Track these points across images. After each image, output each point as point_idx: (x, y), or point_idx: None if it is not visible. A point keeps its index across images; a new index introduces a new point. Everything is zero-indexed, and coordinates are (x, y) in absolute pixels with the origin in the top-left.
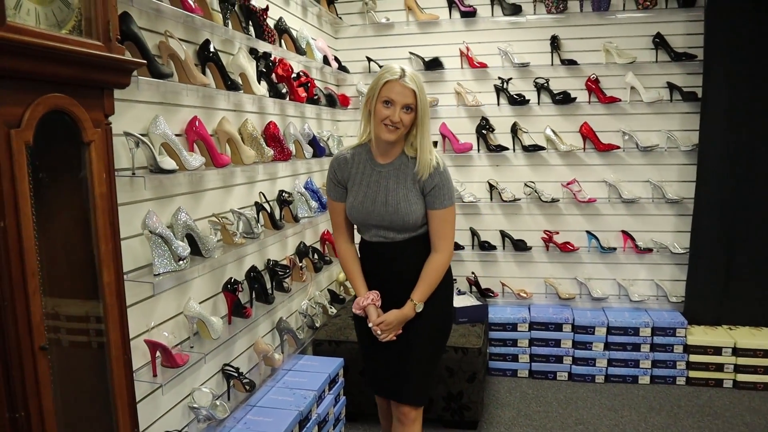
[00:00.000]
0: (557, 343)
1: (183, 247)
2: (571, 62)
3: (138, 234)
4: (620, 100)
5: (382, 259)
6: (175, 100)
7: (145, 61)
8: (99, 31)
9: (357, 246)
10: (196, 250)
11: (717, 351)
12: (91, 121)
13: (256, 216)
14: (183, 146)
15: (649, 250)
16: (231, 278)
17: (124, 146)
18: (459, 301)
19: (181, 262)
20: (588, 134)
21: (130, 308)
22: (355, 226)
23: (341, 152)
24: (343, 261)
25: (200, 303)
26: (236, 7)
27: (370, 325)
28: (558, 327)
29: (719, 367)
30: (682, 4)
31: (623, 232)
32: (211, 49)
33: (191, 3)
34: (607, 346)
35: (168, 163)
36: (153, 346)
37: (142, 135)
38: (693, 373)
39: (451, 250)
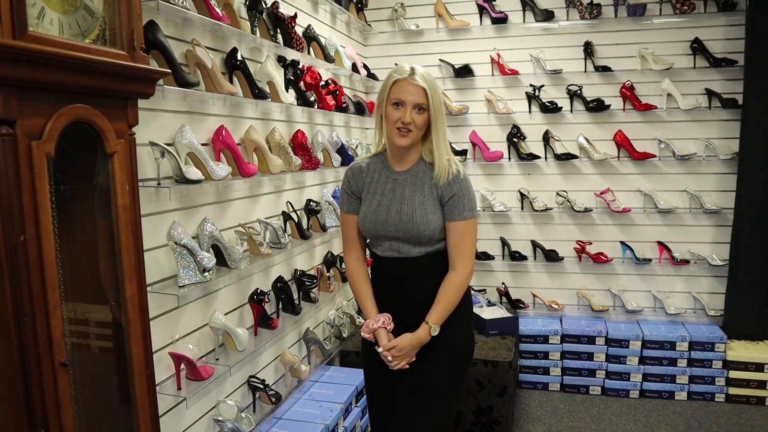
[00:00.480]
0: (590, 356)
1: (208, 258)
2: (605, 69)
3: (163, 245)
4: (656, 108)
5: (394, 277)
6: (202, 109)
7: (170, 71)
8: (123, 40)
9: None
10: (221, 260)
11: (759, 367)
12: (114, 132)
13: (283, 226)
14: (209, 156)
15: (686, 261)
16: (257, 289)
17: (149, 156)
18: (489, 313)
19: (206, 273)
20: (623, 142)
21: (154, 320)
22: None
23: (356, 161)
24: (352, 279)
25: (226, 314)
26: (264, 15)
27: (379, 350)
28: (591, 340)
29: (761, 384)
30: (721, 8)
31: (659, 243)
32: (239, 57)
33: (218, 11)
34: (642, 360)
35: (194, 173)
36: (177, 358)
37: (167, 145)
38: (733, 390)
39: (470, 269)
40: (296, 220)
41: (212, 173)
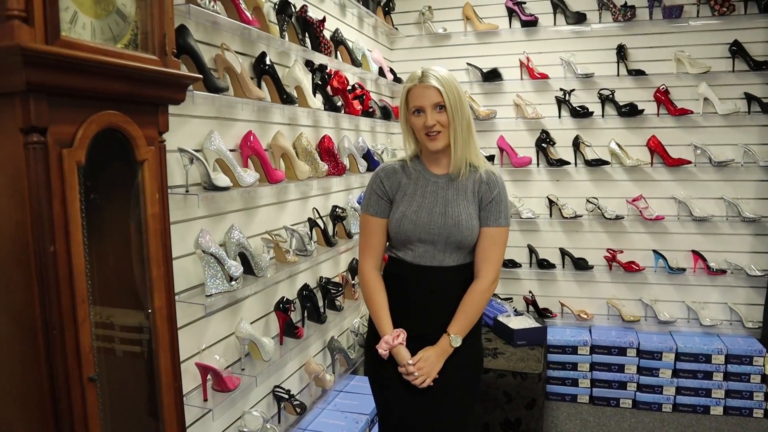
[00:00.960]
0: (620, 368)
1: (236, 267)
2: (639, 72)
3: (191, 253)
4: (692, 113)
5: (423, 287)
6: (230, 114)
7: (200, 76)
8: (155, 45)
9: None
10: (248, 268)
11: None
12: (144, 139)
13: (309, 232)
14: (237, 162)
15: (723, 271)
16: (283, 297)
17: (178, 162)
18: (517, 323)
19: (233, 282)
20: (656, 148)
21: (181, 330)
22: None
23: (388, 163)
24: (368, 288)
25: (252, 323)
26: (293, 19)
27: (403, 370)
28: (622, 351)
29: None
30: (763, 9)
31: (693, 251)
32: (267, 62)
33: (248, 15)
34: (676, 373)
35: (222, 180)
36: (204, 369)
37: (196, 151)
38: None
39: (495, 277)
40: (322, 227)
41: (240, 180)
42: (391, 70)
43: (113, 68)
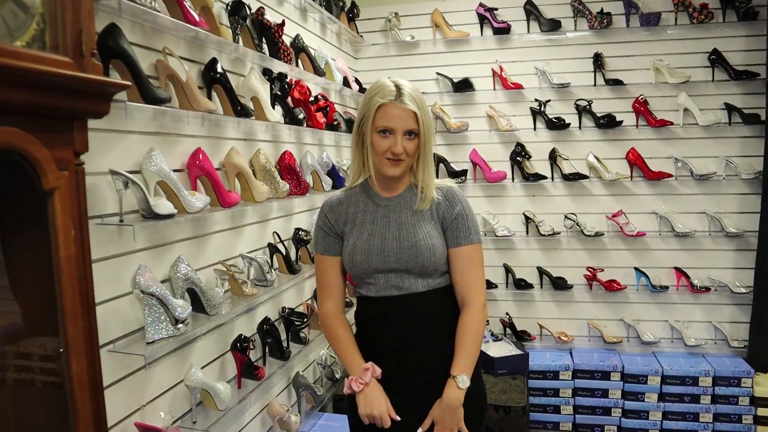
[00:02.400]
0: (604, 393)
1: (182, 307)
2: (617, 82)
3: (128, 292)
4: (672, 124)
5: (396, 321)
6: (175, 129)
7: (129, 83)
8: (68, 44)
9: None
10: (199, 306)
11: None
12: (53, 162)
13: (269, 260)
14: (185, 184)
15: (706, 288)
16: (241, 335)
17: (111, 186)
18: (496, 350)
19: (180, 325)
20: (636, 161)
21: (118, 384)
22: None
23: (332, 196)
24: (332, 330)
25: (204, 366)
26: (248, 22)
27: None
28: (605, 375)
29: None
30: (742, 17)
31: (676, 269)
32: (219, 70)
33: (195, 15)
34: (662, 396)
35: (164, 206)
36: (145, 431)
37: (133, 172)
38: (762, 429)
39: (484, 301)
40: (284, 253)
41: (187, 205)
42: (357, 80)
43: (7, 72)
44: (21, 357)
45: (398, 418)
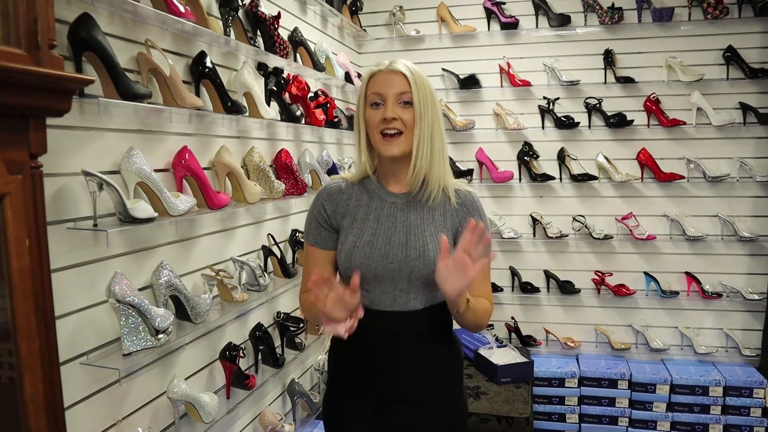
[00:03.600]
0: (611, 401)
1: (163, 317)
2: (628, 80)
3: (104, 301)
4: (685, 123)
5: (384, 342)
6: (160, 126)
7: (92, 78)
8: (21, 35)
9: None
10: (184, 313)
11: None
12: (4, 165)
13: (262, 263)
14: (170, 185)
15: (718, 294)
16: (230, 343)
17: (85, 188)
18: (500, 356)
19: (161, 335)
20: (647, 162)
21: (92, 398)
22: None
23: (332, 181)
24: (305, 301)
25: (190, 377)
26: (240, 14)
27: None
28: (612, 383)
29: None
30: (758, 12)
31: (687, 273)
32: (208, 64)
33: (179, 5)
34: (671, 406)
35: (143, 209)
36: None
37: (110, 173)
38: None
39: (493, 306)
40: (279, 256)
41: (170, 208)
42: (359, 76)
43: None
44: None
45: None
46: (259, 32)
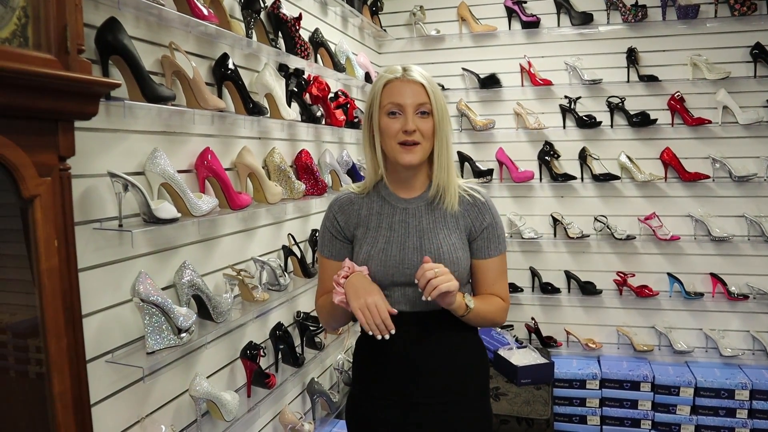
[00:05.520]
0: (633, 404)
1: (185, 316)
2: (651, 78)
3: (129, 300)
4: (710, 122)
5: (407, 341)
6: (183, 128)
7: (119, 82)
8: (51, 40)
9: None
10: (206, 313)
11: None
12: (34, 168)
13: (282, 263)
14: (193, 185)
15: (744, 296)
16: (251, 342)
17: (111, 189)
18: (520, 357)
19: (183, 334)
20: (671, 161)
21: (117, 395)
22: None
23: (342, 192)
24: (322, 301)
25: (212, 375)
26: (262, 16)
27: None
28: (635, 385)
29: None
30: None
31: (712, 275)
32: (230, 66)
33: (203, 9)
34: (695, 409)
35: (166, 210)
36: None
37: (136, 174)
38: None
39: (509, 304)
40: (299, 256)
41: (193, 208)
42: None
43: None
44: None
45: (396, 312)
46: (280, 34)
